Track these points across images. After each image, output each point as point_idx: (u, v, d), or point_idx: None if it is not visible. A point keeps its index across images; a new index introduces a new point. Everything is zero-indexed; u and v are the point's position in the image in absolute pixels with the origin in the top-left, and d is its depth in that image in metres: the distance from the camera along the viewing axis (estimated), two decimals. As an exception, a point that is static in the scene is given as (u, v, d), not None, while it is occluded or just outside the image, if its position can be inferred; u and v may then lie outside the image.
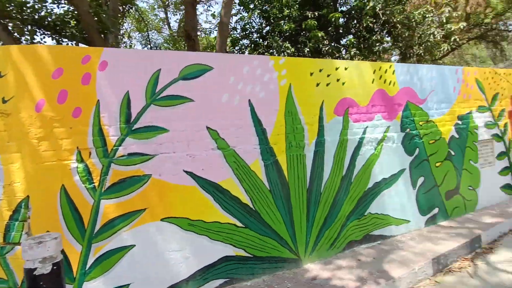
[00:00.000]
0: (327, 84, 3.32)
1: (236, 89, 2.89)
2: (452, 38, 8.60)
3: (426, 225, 3.96)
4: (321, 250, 3.27)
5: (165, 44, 13.63)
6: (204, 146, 2.74)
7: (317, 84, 3.26)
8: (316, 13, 8.98)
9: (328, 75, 3.33)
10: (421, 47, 8.91)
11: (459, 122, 4.29)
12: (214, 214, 2.75)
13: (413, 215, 3.88)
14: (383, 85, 3.68)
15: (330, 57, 8.67)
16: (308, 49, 8.86)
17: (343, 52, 9.21)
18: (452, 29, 8.52)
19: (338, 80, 3.38)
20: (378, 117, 3.64)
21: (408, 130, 3.84)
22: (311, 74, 3.24)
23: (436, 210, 4.05)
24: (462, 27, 9.04)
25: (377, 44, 8.96)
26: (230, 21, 11.28)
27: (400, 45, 8.77)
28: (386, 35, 9.60)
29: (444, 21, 8.80)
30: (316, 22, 8.46)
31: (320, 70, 3.28)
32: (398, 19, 8.59)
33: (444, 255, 3.24)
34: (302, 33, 9.43)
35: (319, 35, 8.36)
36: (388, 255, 3.29)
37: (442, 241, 3.53)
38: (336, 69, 3.38)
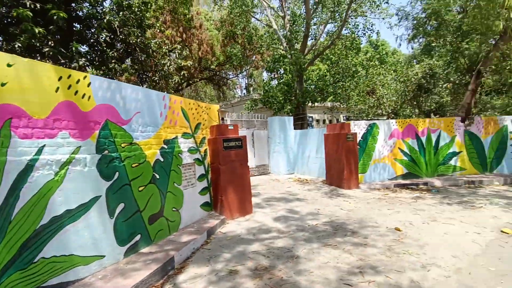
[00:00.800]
0: (-30, 81, 2.29)
1: None
2: (182, 73, 9.69)
3: (125, 255, 3.63)
4: None
5: None
6: None
7: None
8: (38, 5, 7.30)
9: (-26, 69, 2.31)
10: (156, 74, 9.36)
11: (165, 146, 4.43)
12: None
13: (110, 248, 3.43)
14: (74, 97, 3.08)
15: (53, 61, 7.24)
16: (20, 45, 6.95)
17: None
18: (182, 64, 9.59)
19: (-7, 78, 2.43)
20: (64, 135, 2.97)
21: (106, 152, 3.42)
22: None
23: (138, 237, 3.85)
24: (189, 64, 10.43)
25: (114, 61, 8.49)
26: None
27: (136, 67, 8.79)
28: (126, 55, 9.39)
29: (176, 56, 9.80)
30: (31, 14, 6.79)
31: (-44, 58, 2.21)
32: (135, 41, 8.59)
33: (132, 290, 2.98)
34: (13, 23, 7.37)
35: (36, 30, 6.78)
36: (62, 308, 2.60)
37: (135, 273, 3.28)
38: (-9, 63, 2.42)
